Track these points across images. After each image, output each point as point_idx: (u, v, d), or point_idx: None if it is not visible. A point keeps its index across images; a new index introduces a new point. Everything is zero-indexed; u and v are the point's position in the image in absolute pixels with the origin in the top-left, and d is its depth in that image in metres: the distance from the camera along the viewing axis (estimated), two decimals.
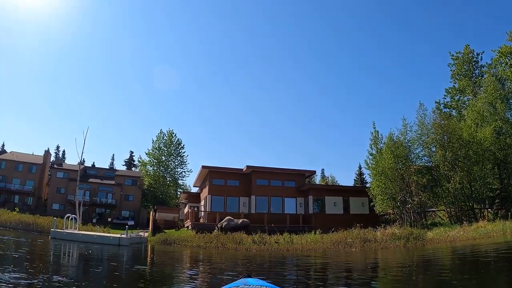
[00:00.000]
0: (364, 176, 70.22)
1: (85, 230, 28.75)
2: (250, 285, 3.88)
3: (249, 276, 4.80)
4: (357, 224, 23.86)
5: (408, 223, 28.41)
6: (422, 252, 16.89)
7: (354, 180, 78.74)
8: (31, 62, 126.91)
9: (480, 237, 18.74)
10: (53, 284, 7.98)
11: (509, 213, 25.22)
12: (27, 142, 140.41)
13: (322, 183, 78.09)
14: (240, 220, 28.19)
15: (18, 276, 8.36)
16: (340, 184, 74.01)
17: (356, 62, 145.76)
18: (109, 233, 29.76)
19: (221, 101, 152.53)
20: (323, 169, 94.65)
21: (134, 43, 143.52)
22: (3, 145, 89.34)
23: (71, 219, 27.36)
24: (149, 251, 21.71)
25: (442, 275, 10.59)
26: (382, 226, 25.62)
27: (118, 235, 24.23)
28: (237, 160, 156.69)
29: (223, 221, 28.96)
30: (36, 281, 8.16)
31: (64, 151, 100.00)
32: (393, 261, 14.82)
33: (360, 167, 74.52)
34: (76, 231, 25.56)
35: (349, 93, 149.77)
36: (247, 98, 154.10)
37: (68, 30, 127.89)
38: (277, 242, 21.72)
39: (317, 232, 24.26)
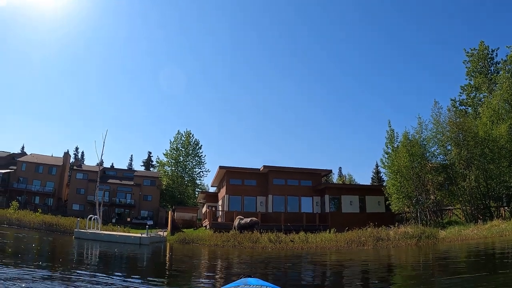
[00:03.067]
0: (381, 175, 69.92)
1: (106, 230, 29.49)
2: (250, 285, 3.87)
3: (250, 276, 4.81)
4: (371, 223, 24.03)
5: (424, 222, 28.44)
6: (432, 249, 17.21)
7: (371, 178, 78.61)
8: (48, 64, 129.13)
9: (492, 235, 18.78)
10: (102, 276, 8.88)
11: None
12: (46, 144, 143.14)
13: (339, 182, 78.06)
14: (249, 219, 28.60)
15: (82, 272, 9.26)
16: (358, 183, 73.96)
17: (369, 62, 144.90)
18: (129, 232, 30.48)
19: (235, 101, 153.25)
20: (340, 168, 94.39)
21: (148, 44, 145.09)
22: (23, 148, 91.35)
23: (94, 219, 28.14)
24: (168, 249, 22.30)
25: (449, 261, 11.03)
26: (396, 225, 25.73)
27: (139, 235, 24.88)
28: (254, 160, 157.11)
29: (235, 220, 29.49)
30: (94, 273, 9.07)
31: (83, 152, 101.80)
32: (398, 259, 15.17)
33: (377, 165, 74.45)
34: (98, 231, 26.31)
35: (363, 92, 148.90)
36: (262, 96, 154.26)
37: (83, 31, 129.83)
38: (292, 241, 22.08)
39: (332, 231, 24.53)
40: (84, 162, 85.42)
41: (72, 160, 77.34)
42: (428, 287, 8.15)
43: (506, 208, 28.51)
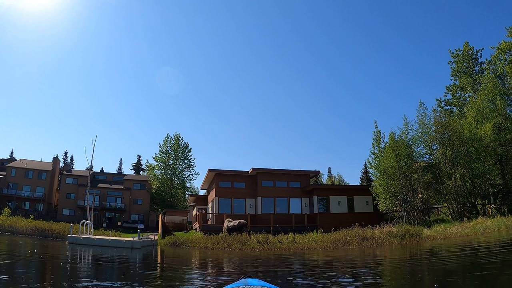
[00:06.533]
0: (369, 175, 70.37)
1: (97, 235, 29.58)
2: (251, 286, 3.93)
3: (250, 277, 4.90)
4: (357, 223, 24.38)
5: (411, 221, 28.79)
6: (411, 248, 17.63)
7: (360, 178, 79.18)
8: (36, 68, 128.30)
9: (475, 233, 19.09)
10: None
11: (509, 208, 25.69)
12: (35, 149, 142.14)
13: (329, 183, 78.56)
14: (237, 222, 28.89)
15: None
16: (348, 183, 74.54)
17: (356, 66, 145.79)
18: (120, 237, 30.61)
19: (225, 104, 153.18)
20: (329, 168, 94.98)
21: (135, 47, 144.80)
22: (11, 153, 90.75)
23: (86, 224, 28.25)
24: (159, 252, 22.49)
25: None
26: (381, 224, 26.06)
27: (131, 239, 25.06)
28: (243, 164, 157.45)
29: (224, 222, 29.78)
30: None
31: (72, 156, 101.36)
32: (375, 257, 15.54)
33: (365, 166, 74.93)
34: (91, 236, 26.45)
35: (348, 96, 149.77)
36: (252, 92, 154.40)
37: (69, 34, 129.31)
38: (280, 242, 22.41)
39: (319, 232, 24.84)
40: (73, 167, 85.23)
41: (61, 164, 77.06)
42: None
43: (493, 205, 29.01)
